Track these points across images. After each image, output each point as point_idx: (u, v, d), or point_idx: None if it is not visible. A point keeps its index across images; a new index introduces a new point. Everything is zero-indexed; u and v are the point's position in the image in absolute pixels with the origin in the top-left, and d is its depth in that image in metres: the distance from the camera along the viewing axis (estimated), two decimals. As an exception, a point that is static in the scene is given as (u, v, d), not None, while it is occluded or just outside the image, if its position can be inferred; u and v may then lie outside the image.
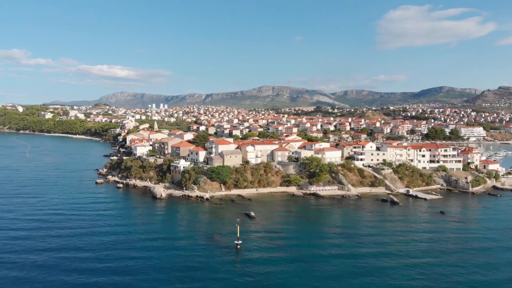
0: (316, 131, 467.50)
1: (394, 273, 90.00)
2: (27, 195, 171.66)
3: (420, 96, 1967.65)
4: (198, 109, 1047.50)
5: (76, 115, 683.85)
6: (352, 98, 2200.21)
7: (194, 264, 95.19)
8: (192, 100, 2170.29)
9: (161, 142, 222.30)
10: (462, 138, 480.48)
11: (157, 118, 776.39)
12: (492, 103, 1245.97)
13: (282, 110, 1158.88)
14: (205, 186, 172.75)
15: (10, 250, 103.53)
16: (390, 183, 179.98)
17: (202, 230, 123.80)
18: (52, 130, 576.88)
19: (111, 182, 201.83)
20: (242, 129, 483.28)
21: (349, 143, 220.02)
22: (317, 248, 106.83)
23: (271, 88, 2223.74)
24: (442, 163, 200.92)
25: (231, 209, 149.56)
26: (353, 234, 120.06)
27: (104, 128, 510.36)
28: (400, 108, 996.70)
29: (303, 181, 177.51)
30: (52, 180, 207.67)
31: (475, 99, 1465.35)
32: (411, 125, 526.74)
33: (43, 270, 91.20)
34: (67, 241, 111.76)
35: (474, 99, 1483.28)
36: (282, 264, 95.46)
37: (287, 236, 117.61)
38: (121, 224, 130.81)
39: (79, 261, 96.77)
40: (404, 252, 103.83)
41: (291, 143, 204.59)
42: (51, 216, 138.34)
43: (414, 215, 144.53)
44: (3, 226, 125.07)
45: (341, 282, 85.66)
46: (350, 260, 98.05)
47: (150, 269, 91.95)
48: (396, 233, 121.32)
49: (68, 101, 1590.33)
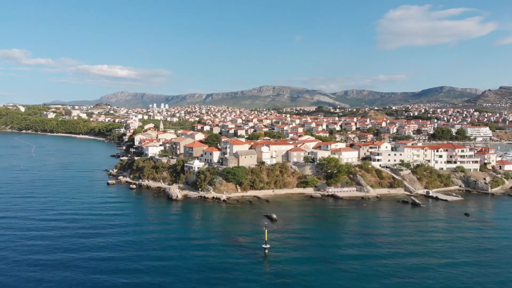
0: (322, 131, 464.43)
1: (432, 275, 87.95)
2: (40, 195, 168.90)
3: (421, 96, 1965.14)
4: (200, 109, 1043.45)
5: (79, 115, 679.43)
6: (353, 98, 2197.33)
7: (225, 267, 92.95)
8: (193, 100, 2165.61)
9: (173, 142, 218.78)
10: (469, 138, 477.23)
11: (159, 118, 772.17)
12: (493, 103, 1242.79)
13: (283, 110, 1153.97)
14: (221, 187, 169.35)
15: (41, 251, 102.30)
16: (409, 184, 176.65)
17: (226, 232, 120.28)
18: (55, 130, 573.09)
19: (123, 183, 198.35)
20: (247, 129, 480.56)
21: (365, 143, 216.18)
22: (347, 252, 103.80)
23: (272, 88, 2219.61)
24: (459, 163, 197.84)
25: (250, 211, 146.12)
26: (380, 236, 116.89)
27: (108, 128, 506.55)
28: (402, 108, 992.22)
29: (321, 182, 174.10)
30: (62, 180, 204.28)
31: (476, 99, 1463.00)
32: (417, 125, 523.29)
33: (81, 270, 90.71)
34: (92, 241, 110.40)
35: (475, 99, 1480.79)
36: (312, 268, 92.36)
37: (313, 239, 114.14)
38: (143, 225, 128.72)
39: (112, 261, 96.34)
40: (439, 254, 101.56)
41: (306, 143, 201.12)
42: (69, 217, 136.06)
43: (439, 217, 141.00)
44: (26, 227, 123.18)
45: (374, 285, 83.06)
46: (381, 262, 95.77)
47: (184, 270, 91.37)
48: (424, 235, 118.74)
49: (68, 101, 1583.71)
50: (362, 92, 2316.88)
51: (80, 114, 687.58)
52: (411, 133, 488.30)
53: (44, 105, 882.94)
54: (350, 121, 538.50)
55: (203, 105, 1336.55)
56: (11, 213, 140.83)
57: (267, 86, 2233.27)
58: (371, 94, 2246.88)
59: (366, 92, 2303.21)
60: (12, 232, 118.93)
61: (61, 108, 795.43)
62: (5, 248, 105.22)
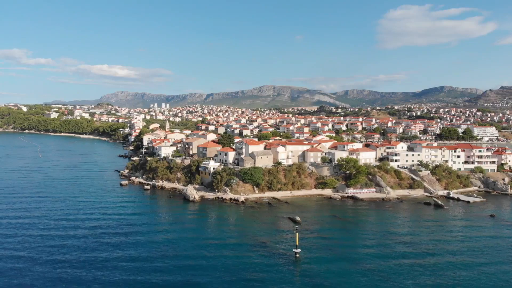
0: (328, 131, 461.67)
1: (472, 276, 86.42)
2: (55, 196, 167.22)
3: (421, 95, 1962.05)
4: (202, 109, 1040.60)
5: (81, 114, 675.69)
6: (353, 97, 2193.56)
7: (257, 269, 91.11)
8: (193, 100, 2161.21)
9: (185, 143, 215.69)
10: (476, 138, 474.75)
11: (162, 118, 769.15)
12: (495, 103, 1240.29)
13: (285, 109, 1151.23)
14: (238, 188, 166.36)
15: (69, 251, 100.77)
16: (428, 185, 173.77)
17: (251, 234, 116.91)
18: (58, 129, 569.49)
19: (136, 183, 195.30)
20: (252, 129, 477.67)
21: (381, 143, 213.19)
22: (377, 254, 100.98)
23: (272, 88, 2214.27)
24: (477, 164, 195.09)
25: (272, 212, 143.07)
26: (408, 238, 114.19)
27: (113, 128, 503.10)
28: (405, 108, 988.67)
29: (339, 184, 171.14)
30: (74, 181, 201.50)
31: (477, 99, 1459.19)
32: (423, 125, 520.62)
33: (113, 270, 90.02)
34: (116, 242, 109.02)
35: (476, 99, 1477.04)
36: (345, 271, 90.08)
37: (341, 241, 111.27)
38: (165, 226, 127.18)
39: (144, 261, 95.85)
40: (474, 256, 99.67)
41: (322, 144, 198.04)
42: (89, 217, 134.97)
43: (464, 219, 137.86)
44: (47, 227, 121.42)
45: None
46: (414, 263, 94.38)
47: (216, 271, 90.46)
48: (454, 237, 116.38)
49: (69, 101, 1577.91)
50: (362, 92, 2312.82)
51: (82, 114, 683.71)
52: (417, 133, 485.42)
53: (46, 105, 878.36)
54: (356, 121, 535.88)
55: (204, 105, 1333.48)
56: (28, 213, 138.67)
57: (267, 85, 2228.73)
58: (372, 94, 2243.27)
59: (366, 92, 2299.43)
60: (35, 232, 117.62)
61: (63, 108, 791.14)
62: (29, 249, 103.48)
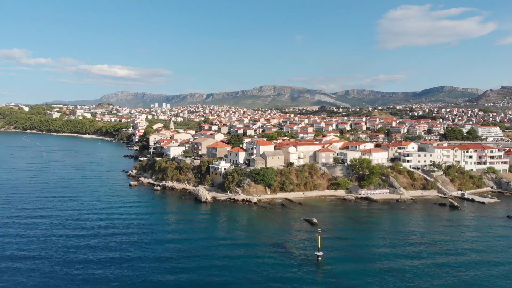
0: (332, 131, 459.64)
1: (492, 279, 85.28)
2: (65, 196, 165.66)
3: (422, 95, 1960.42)
4: (203, 109, 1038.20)
5: (83, 114, 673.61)
6: (354, 97, 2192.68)
7: (278, 272, 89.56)
8: (193, 100, 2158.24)
9: (194, 143, 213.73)
10: (480, 138, 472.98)
11: (163, 118, 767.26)
12: (495, 103, 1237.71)
13: (286, 109, 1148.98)
14: (250, 189, 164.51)
15: (93, 252, 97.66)
16: (442, 186, 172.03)
17: (268, 236, 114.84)
18: (61, 129, 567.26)
19: (145, 184, 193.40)
20: (256, 129, 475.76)
21: (393, 143, 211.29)
22: (400, 257, 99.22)
23: (272, 88, 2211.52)
24: (489, 164, 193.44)
25: (286, 214, 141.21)
26: (430, 240, 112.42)
27: (116, 128, 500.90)
28: (406, 108, 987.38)
29: (352, 184, 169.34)
30: (83, 181, 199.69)
31: (478, 99, 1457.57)
32: (427, 125, 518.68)
33: (136, 271, 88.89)
34: (132, 243, 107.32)
35: (476, 99, 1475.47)
36: (368, 275, 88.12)
37: (361, 244, 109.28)
38: (179, 227, 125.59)
39: (166, 261, 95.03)
40: (493, 258, 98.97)
41: (333, 144, 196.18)
42: (100, 217, 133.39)
43: (482, 220, 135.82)
44: (66, 227, 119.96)
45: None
46: (438, 267, 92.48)
47: (237, 272, 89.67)
48: (475, 239, 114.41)
49: (69, 101, 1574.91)
50: (363, 92, 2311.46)
51: (84, 114, 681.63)
52: (422, 133, 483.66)
53: (47, 104, 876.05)
54: (360, 120, 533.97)
55: (205, 105, 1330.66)
56: (42, 213, 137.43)
57: (267, 85, 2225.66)
58: (372, 94, 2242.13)
59: (367, 92, 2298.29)
60: (52, 232, 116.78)
61: (65, 107, 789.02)
62: (47, 249, 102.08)
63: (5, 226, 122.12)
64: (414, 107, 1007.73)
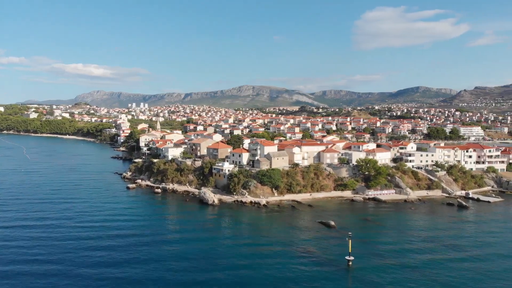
0: (319, 131, 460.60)
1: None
2: (62, 200, 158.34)
3: (397, 96, 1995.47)
4: (184, 108, 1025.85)
5: (62, 114, 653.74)
6: (331, 98, 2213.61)
7: (307, 277, 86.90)
8: (171, 99, 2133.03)
9: (193, 143, 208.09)
10: (462, 137, 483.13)
11: (143, 118, 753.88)
12: (469, 103, 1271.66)
13: (266, 109, 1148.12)
14: (257, 191, 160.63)
15: (109, 261, 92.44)
16: (446, 186, 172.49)
17: (288, 240, 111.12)
18: (39, 130, 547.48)
19: (143, 186, 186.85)
20: (242, 129, 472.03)
21: (394, 143, 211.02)
22: (427, 258, 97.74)
23: (251, 88, 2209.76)
24: (487, 164, 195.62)
25: (299, 216, 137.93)
26: (451, 240, 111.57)
27: (98, 128, 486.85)
28: (385, 108, 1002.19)
29: (359, 185, 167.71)
30: (76, 184, 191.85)
31: (452, 99, 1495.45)
32: (410, 125, 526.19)
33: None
34: (149, 250, 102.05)
35: (451, 99, 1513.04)
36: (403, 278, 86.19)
37: (387, 246, 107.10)
38: (193, 232, 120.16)
39: (185, 271, 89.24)
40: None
41: (337, 144, 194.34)
42: (112, 224, 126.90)
43: (496, 220, 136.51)
44: (79, 235, 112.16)
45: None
46: (468, 267, 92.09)
47: (264, 279, 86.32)
48: (498, 238, 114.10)
49: (42, 100, 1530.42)
50: (340, 92, 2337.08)
51: (63, 114, 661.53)
52: (406, 132, 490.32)
53: (22, 104, 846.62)
54: (345, 121, 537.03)
55: (185, 105, 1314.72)
56: (44, 217, 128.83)
57: (246, 85, 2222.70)
58: (349, 94, 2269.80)
59: (343, 92, 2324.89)
60: (66, 242, 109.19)
61: (41, 107, 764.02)
62: (63, 260, 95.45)
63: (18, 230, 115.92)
64: (392, 107, 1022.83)
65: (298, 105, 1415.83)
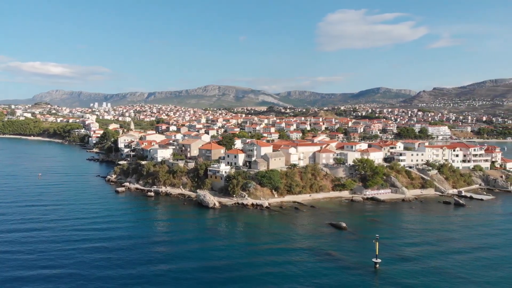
0: (294, 131, 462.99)
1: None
2: (48, 204, 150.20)
3: (359, 96, 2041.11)
4: (150, 108, 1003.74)
5: (23, 114, 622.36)
6: (295, 98, 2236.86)
7: (336, 283, 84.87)
8: (134, 99, 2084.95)
9: (182, 144, 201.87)
10: (431, 136, 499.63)
11: (109, 118, 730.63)
12: (428, 103, 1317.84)
13: (234, 109, 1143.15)
14: (256, 192, 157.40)
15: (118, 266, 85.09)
16: (439, 185, 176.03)
17: (308, 245, 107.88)
18: (1, 131, 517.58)
19: (133, 190, 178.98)
20: (217, 129, 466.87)
21: (384, 143, 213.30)
22: (451, 257, 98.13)
23: (217, 88, 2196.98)
24: (473, 162, 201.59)
25: (305, 218, 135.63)
26: (465, 241, 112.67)
27: (66, 129, 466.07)
28: (350, 108, 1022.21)
29: (357, 185, 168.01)
30: (59, 188, 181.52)
31: (412, 100, 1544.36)
32: (381, 125, 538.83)
33: None
34: (160, 255, 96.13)
35: (410, 100, 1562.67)
36: (433, 279, 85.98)
37: (413, 249, 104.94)
38: (204, 237, 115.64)
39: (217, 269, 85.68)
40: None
41: (331, 144, 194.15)
42: (112, 228, 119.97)
43: (496, 216, 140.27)
44: (81, 239, 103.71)
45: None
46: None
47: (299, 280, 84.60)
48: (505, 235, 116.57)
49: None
50: (304, 93, 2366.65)
51: (24, 114, 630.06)
52: (377, 132, 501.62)
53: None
54: (317, 121, 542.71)
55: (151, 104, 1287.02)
56: (40, 223, 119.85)
57: (212, 85, 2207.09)
58: (313, 95, 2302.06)
59: (308, 93, 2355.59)
60: (71, 246, 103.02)
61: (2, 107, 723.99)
62: (72, 265, 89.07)
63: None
64: (357, 108, 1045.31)
65: (264, 105, 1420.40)
